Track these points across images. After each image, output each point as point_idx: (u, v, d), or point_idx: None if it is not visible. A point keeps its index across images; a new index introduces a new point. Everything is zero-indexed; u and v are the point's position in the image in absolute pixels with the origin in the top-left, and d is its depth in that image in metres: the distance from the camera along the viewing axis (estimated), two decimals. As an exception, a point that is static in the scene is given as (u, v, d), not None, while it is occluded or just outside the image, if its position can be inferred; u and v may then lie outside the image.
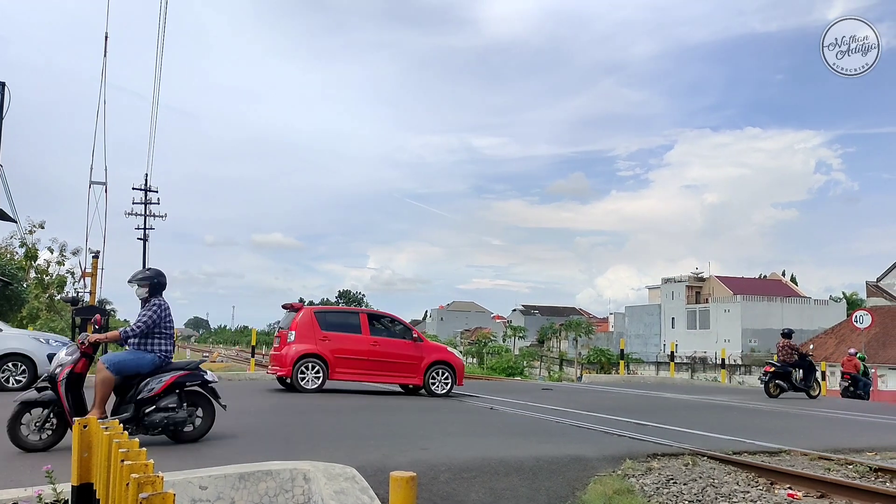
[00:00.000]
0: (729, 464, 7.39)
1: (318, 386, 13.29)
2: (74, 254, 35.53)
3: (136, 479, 2.44)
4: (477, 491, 6.05)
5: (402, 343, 14.12)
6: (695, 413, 12.52)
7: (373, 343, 13.78)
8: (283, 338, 13.65)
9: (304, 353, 13.24)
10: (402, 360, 13.92)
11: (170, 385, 7.06)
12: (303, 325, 13.43)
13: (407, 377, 14.09)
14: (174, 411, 7.03)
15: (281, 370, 13.45)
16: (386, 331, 14.40)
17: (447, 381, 14.10)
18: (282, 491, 4.93)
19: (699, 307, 77.88)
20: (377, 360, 13.75)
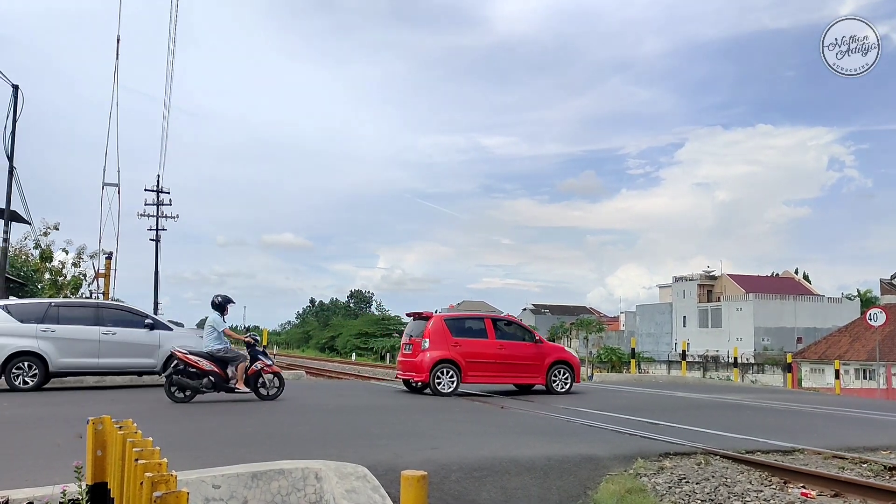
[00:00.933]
0: (742, 463, 7.36)
1: (453, 389, 13.98)
2: (92, 256, 35.72)
3: (150, 477, 2.46)
4: (488, 490, 6.05)
5: (526, 345, 14.94)
6: (707, 412, 12.47)
7: (499, 347, 14.60)
8: (416, 345, 14.40)
9: (440, 359, 14.03)
10: (526, 362, 14.74)
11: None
12: (435, 332, 14.21)
13: (531, 377, 14.89)
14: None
15: (417, 376, 14.24)
16: (510, 334, 15.15)
17: (567, 380, 15.03)
18: (294, 490, 4.95)
19: (711, 306, 77.51)
20: (504, 363, 14.55)
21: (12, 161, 20.10)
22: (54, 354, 13.47)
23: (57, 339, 13.52)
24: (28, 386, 13.24)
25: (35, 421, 9.43)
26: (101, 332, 13.87)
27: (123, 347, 14.00)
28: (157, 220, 43.64)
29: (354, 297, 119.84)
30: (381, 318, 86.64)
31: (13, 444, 7.47)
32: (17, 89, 19.80)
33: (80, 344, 13.69)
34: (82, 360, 13.77)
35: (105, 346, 13.83)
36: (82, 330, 13.77)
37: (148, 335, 14.26)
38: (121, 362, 14.10)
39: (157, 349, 14.17)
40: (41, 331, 13.46)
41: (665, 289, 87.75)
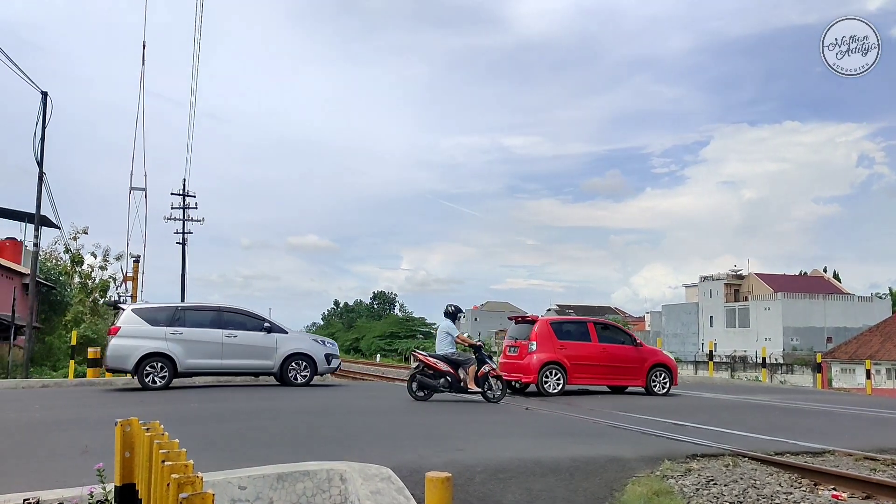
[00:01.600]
0: (771, 465, 7.25)
1: (560, 390, 14.47)
2: (118, 259, 36.22)
3: (176, 479, 2.49)
4: (513, 492, 6.03)
5: (627, 348, 15.42)
6: (735, 413, 12.33)
7: (602, 349, 15.10)
8: (523, 348, 14.90)
9: (547, 361, 14.53)
10: (627, 364, 15.21)
11: None
12: (542, 335, 14.69)
13: (631, 380, 15.38)
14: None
15: (525, 377, 14.75)
16: (611, 337, 15.64)
17: (665, 383, 15.49)
18: (319, 491, 4.98)
19: (738, 305, 76.67)
20: (607, 365, 15.01)
21: (42, 167, 20.45)
22: (182, 355, 14.34)
23: (184, 342, 14.41)
24: (158, 385, 14.09)
25: (64, 423, 9.58)
26: (224, 335, 14.73)
27: (244, 350, 14.85)
28: (183, 224, 44.13)
29: (378, 299, 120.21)
30: (404, 319, 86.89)
31: (51, 444, 7.60)
32: (46, 96, 20.14)
33: (205, 346, 14.57)
34: (207, 361, 14.66)
35: (227, 348, 14.69)
36: (207, 333, 14.66)
37: (265, 338, 15.05)
38: (241, 363, 14.95)
39: (275, 351, 15.04)
40: (170, 333, 14.35)
41: (691, 288, 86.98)
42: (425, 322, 77.82)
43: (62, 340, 27.44)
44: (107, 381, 16.34)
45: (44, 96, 20.09)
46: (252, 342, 14.92)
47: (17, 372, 20.56)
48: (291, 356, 15.19)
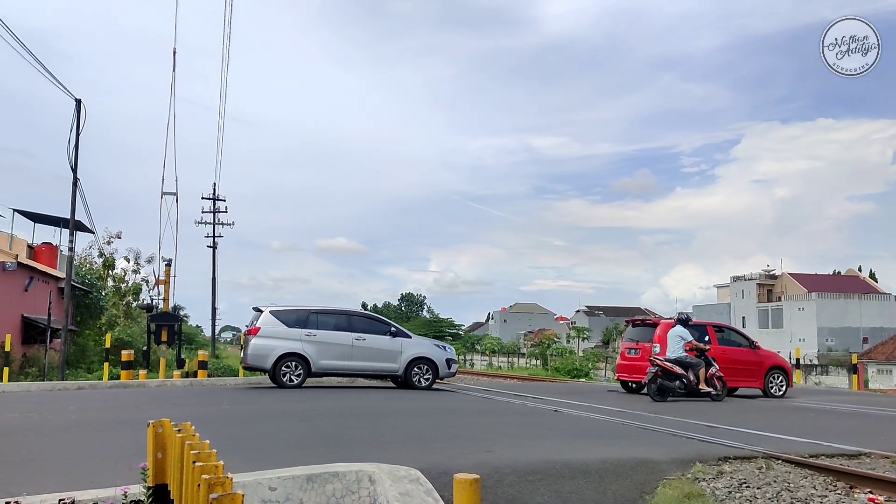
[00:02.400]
0: (805, 467, 7.13)
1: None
2: (150, 262, 36.77)
3: (206, 479, 2.52)
4: (542, 494, 6.00)
5: (746, 351, 16.02)
6: (768, 415, 12.15)
7: (722, 352, 15.53)
8: (645, 350, 15.52)
9: None
10: (746, 367, 15.75)
11: None
12: (664, 339, 15.07)
13: (750, 382, 15.90)
14: None
15: None
16: (730, 341, 16.30)
17: (782, 385, 16.13)
18: (348, 492, 5.00)
19: (771, 305, 75.58)
20: (727, 368, 15.20)
21: (76, 173, 20.83)
22: (315, 356, 15.03)
23: (317, 343, 15.10)
24: (293, 384, 14.82)
25: (99, 424, 9.74)
26: (354, 337, 15.38)
27: (372, 352, 15.44)
28: (213, 228, 44.73)
29: (406, 301, 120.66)
30: (433, 320, 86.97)
31: (86, 445, 7.73)
32: (80, 103, 20.51)
33: (337, 348, 15.23)
34: (338, 362, 15.30)
35: (357, 350, 15.32)
36: (338, 335, 15.34)
37: (391, 342, 15.65)
38: (369, 366, 15.57)
39: (400, 355, 15.60)
40: (305, 335, 15.06)
41: (723, 289, 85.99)
42: (453, 323, 77.87)
43: (97, 343, 27.94)
44: (140, 384, 16.60)
45: (77, 104, 20.47)
46: (379, 345, 15.52)
47: (53, 374, 20.96)
48: (415, 360, 15.71)
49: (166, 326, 20.66)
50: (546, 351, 53.78)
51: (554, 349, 53.92)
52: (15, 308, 24.09)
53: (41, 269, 26.83)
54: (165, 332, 20.46)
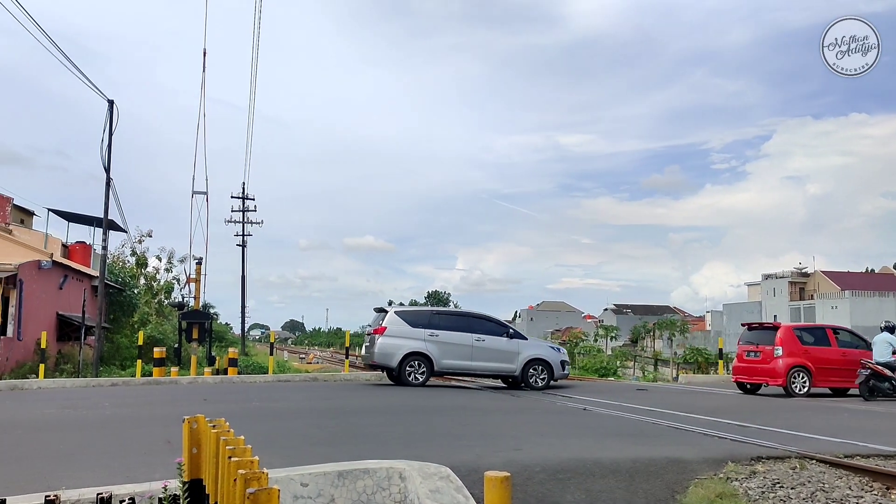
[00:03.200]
0: (840, 468, 7.02)
1: (806, 392, 15.66)
2: (182, 261, 37.25)
3: (243, 475, 2.55)
4: (572, 492, 5.98)
5: (866, 353, 16.03)
6: (800, 415, 11.97)
7: (842, 354, 16.13)
8: (766, 352, 16.09)
9: (794, 365, 15.76)
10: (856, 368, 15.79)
11: None
12: (786, 341, 15.84)
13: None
14: None
15: (772, 380, 15.91)
16: (846, 342, 16.70)
17: None
18: (379, 489, 5.03)
19: (804, 304, 74.47)
20: (847, 369, 15.75)
21: (109, 173, 21.17)
22: (438, 356, 15.54)
23: (440, 343, 15.58)
24: (418, 382, 15.34)
25: (133, 420, 9.90)
26: (474, 338, 15.81)
27: (491, 353, 15.82)
28: (243, 226, 45.18)
29: (432, 298, 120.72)
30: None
31: (121, 440, 7.86)
32: (113, 104, 20.82)
33: (458, 348, 15.68)
34: (459, 362, 15.75)
35: (476, 351, 15.73)
36: (459, 336, 15.77)
37: (509, 343, 16.04)
38: (488, 366, 15.93)
39: (517, 356, 15.94)
40: (428, 335, 15.57)
41: (754, 287, 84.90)
42: (480, 322, 77.50)
43: (130, 340, 28.37)
44: (172, 380, 16.82)
45: (110, 104, 20.78)
46: (497, 346, 15.88)
47: (88, 370, 21.33)
48: (531, 361, 16.00)
49: (197, 324, 20.89)
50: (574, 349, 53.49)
51: (582, 348, 53.58)
52: (50, 306, 24.56)
53: (75, 268, 27.30)
54: (196, 329, 20.71)
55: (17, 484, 5.19)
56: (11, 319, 21.56)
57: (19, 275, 21.49)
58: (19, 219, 31.03)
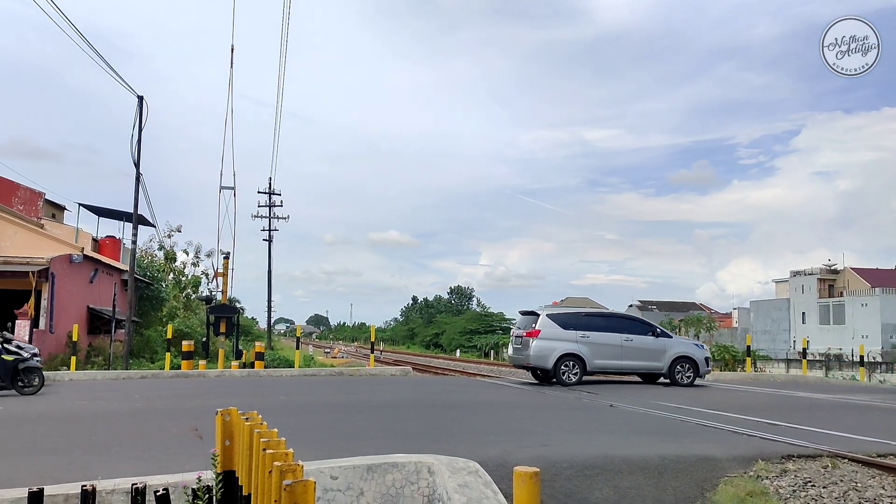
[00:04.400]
0: (873, 467, 6.91)
1: None
2: (209, 255, 37.65)
3: (278, 467, 2.58)
4: (601, 489, 5.96)
5: None
6: (831, 413, 11.81)
7: None
8: None
9: None
10: None
11: None
12: None
13: None
14: None
15: None
16: None
17: None
18: (407, 483, 5.05)
19: (833, 301, 73.31)
20: None
21: (139, 168, 21.43)
22: (590, 356, 15.92)
23: (591, 344, 15.99)
24: (572, 382, 15.66)
25: (163, 412, 10.03)
26: (622, 338, 16.24)
27: (638, 352, 16.28)
28: (269, 221, 45.47)
29: (456, 294, 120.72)
30: (483, 314, 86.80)
31: (152, 431, 7.98)
32: (142, 100, 21.06)
33: (608, 348, 16.10)
34: (609, 361, 16.18)
35: (625, 350, 16.18)
36: (608, 336, 16.19)
37: (656, 342, 16.48)
38: (637, 364, 16.39)
39: (664, 354, 16.39)
40: (579, 336, 15.98)
41: (782, 284, 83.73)
42: (504, 317, 77.41)
43: (159, 334, 28.75)
44: (200, 373, 17.04)
45: (140, 100, 21.03)
46: (645, 345, 16.34)
47: (118, 363, 21.66)
48: (678, 359, 16.42)
49: (225, 318, 21.11)
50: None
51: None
52: (81, 299, 24.95)
53: (105, 262, 27.72)
54: (224, 323, 20.93)
55: (53, 475, 5.29)
56: (44, 312, 21.94)
57: (51, 268, 21.86)
58: (51, 213, 31.56)
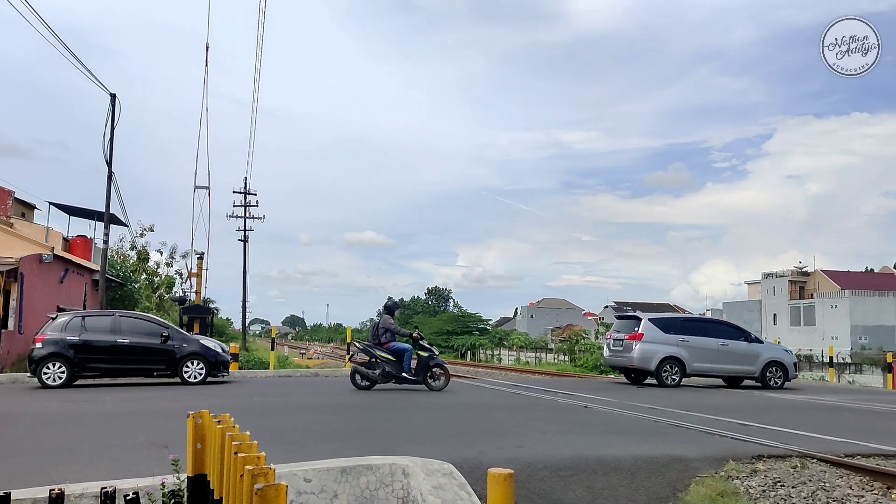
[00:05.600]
0: (841, 467, 7.03)
1: None
2: (184, 256, 37.26)
3: (250, 470, 2.55)
4: (575, 489, 5.99)
5: None
6: (801, 414, 11.99)
7: None
8: None
9: None
10: None
11: None
12: None
13: None
14: None
15: None
16: None
17: None
18: (382, 485, 5.04)
19: (803, 303, 74.44)
20: None
21: (111, 166, 21.16)
22: (689, 359, 16.78)
23: (690, 348, 16.85)
24: (673, 383, 16.50)
25: (134, 414, 9.91)
26: (719, 343, 17.07)
27: (734, 356, 17.15)
28: (244, 221, 45.09)
29: (433, 295, 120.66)
30: (460, 315, 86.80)
31: (122, 434, 7.87)
32: (115, 98, 20.81)
33: (706, 352, 16.96)
34: (707, 364, 17.03)
35: (721, 354, 17.01)
36: (706, 341, 17.01)
37: (749, 347, 17.40)
38: (731, 368, 17.26)
39: (756, 358, 17.33)
40: (680, 340, 16.83)
41: (754, 285, 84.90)
42: (481, 318, 77.51)
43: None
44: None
45: (112, 98, 20.77)
46: (740, 350, 17.23)
47: (89, 365, 21.32)
48: (770, 363, 17.35)
49: (198, 318, 20.95)
50: (574, 347, 53.54)
51: (582, 345, 53.63)
52: (51, 299, 24.54)
53: (76, 262, 27.28)
54: (198, 324, 20.77)
55: (21, 478, 5.20)
56: (12, 313, 21.54)
57: (20, 268, 21.47)
58: (20, 212, 31.01)
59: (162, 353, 14.46)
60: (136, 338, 14.43)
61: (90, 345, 14.06)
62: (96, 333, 14.24)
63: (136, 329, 14.63)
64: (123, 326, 14.57)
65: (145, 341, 14.44)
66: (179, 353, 14.54)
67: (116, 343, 14.20)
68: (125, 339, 14.31)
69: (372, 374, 13.50)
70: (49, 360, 13.75)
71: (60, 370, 13.78)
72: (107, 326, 14.46)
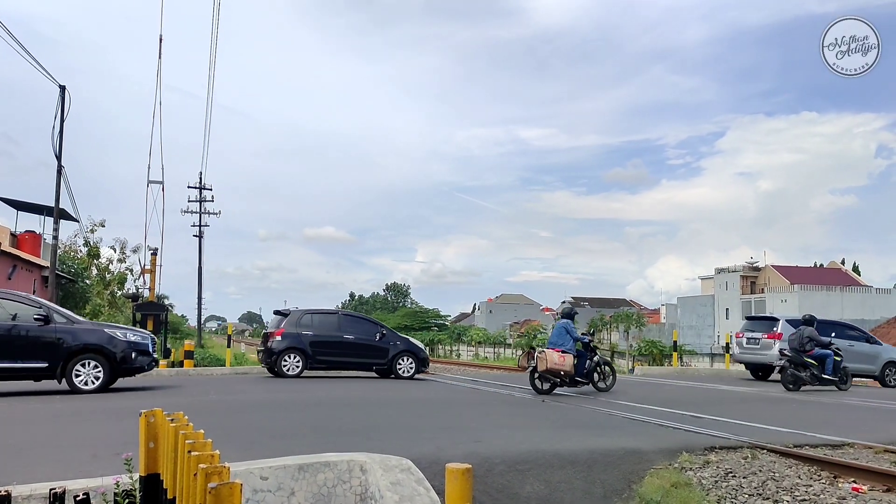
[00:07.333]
0: (790, 457, 7.23)
1: None
2: (135, 251, 36.51)
3: (203, 469, 2.52)
4: (532, 483, 6.05)
5: None
6: (752, 406, 12.28)
7: None
8: None
9: None
10: None
11: None
12: None
13: None
14: None
15: None
16: None
17: None
18: (340, 482, 5.01)
19: (754, 297, 76.21)
20: None
21: (61, 160, 20.62)
22: None
23: None
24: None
25: (84, 413, 9.69)
26: (847, 343, 17.93)
27: (859, 356, 18.16)
28: (199, 217, 44.42)
29: (392, 291, 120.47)
30: (418, 311, 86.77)
31: (72, 434, 7.68)
32: (64, 90, 20.28)
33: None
34: None
35: (848, 354, 17.31)
36: (837, 342, 17.20)
37: (871, 348, 18.88)
38: (857, 367, 18.00)
39: (877, 358, 18.76)
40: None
41: (707, 280, 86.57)
42: (439, 314, 77.67)
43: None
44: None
45: (62, 90, 20.24)
46: (864, 350, 18.58)
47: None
48: (889, 363, 18.83)
49: (152, 316, 20.56)
50: (532, 342, 53.94)
51: (540, 340, 54.06)
52: (-2, 297, 23.85)
53: (24, 258, 26.55)
54: (151, 321, 20.37)
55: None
56: (-43, 310, 20.86)
57: (-35, 264, 20.82)
58: (-35, 207, 30.03)
59: (379, 350, 16.04)
60: (358, 335, 16.08)
61: (321, 340, 15.75)
62: (325, 329, 15.97)
63: (357, 327, 16.36)
64: (346, 324, 16.31)
65: (365, 338, 16.06)
66: (394, 350, 16.12)
67: (343, 339, 15.86)
68: (350, 335, 15.94)
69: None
70: (288, 353, 15.46)
71: (297, 361, 15.50)
72: (334, 324, 16.22)
